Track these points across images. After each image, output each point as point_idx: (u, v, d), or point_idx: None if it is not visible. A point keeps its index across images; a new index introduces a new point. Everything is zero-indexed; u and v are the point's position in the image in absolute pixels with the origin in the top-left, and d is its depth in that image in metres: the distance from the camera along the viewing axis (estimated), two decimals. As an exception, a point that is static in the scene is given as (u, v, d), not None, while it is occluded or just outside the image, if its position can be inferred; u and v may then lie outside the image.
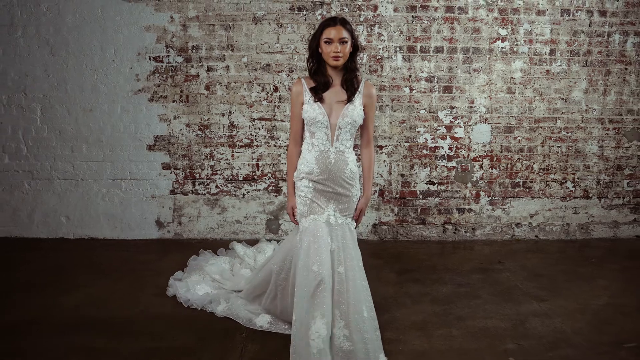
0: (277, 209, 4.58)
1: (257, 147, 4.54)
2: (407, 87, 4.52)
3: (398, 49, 4.47)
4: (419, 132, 4.58)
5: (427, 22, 4.45)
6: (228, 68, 4.43)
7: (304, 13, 4.38)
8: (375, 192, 4.61)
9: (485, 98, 4.57)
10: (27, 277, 3.69)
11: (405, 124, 4.57)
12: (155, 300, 3.33)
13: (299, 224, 2.75)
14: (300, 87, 2.70)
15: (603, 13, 4.52)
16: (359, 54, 2.71)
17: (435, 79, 4.52)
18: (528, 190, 4.72)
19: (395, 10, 4.42)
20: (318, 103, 2.65)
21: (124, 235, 4.59)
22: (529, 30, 4.51)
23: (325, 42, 2.59)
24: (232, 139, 4.52)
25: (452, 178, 4.65)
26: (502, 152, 4.65)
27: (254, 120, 4.51)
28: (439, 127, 4.58)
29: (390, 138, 4.56)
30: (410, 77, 4.51)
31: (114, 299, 3.35)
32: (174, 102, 4.46)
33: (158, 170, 4.54)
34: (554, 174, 4.71)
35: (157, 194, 4.56)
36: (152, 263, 4.05)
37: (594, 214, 4.79)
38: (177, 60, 4.41)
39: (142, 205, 4.57)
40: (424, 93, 4.53)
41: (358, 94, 2.69)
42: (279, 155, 4.55)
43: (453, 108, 4.57)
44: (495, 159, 4.66)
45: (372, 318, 2.62)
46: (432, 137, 4.59)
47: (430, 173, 4.64)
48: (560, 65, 4.57)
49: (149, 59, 4.40)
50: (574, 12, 4.51)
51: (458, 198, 4.68)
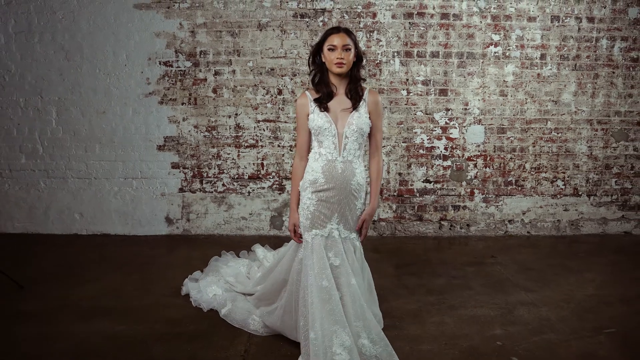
0: (280, 206, 4.81)
1: (261, 147, 4.76)
2: (404, 90, 4.74)
3: (396, 54, 4.69)
4: (416, 132, 4.80)
5: (423, 28, 4.67)
6: (234, 72, 4.66)
7: (307, 20, 4.60)
8: (374, 190, 4.83)
9: (479, 100, 4.79)
10: (44, 270, 3.90)
11: (403, 125, 4.78)
12: (167, 292, 3.54)
13: (302, 237, 2.74)
14: (305, 99, 2.69)
15: (591, 19, 4.74)
16: (363, 64, 2.72)
17: (431, 83, 4.74)
18: (520, 188, 4.93)
19: (393, 17, 4.64)
20: (324, 112, 2.64)
21: (135, 232, 4.81)
22: (521, 36, 4.73)
23: (329, 49, 2.59)
24: (238, 140, 4.75)
25: (447, 177, 4.87)
26: (495, 151, 4.87)
27: (259, 122, 4.73)
28: (435, 128, 4.80)
29: (389, 138, 4.78)
30: (408, 80, 4.73)
31: (128, 290, 3.57)
32: (183, 104, 4.69)
33: (167, 170, 4.76)
34: (545, 173, 4.93)
35: (166, 192, 4.78)
36: (161, 257, 4.27)
37: (584, 211, 5.00)
38: (185, 65, 4.64)
39: (152, 203, 4.79)
40: (421, 96, 4.75)
41: (363, 102, 2.67)
42: (283, 155, 4.77)
43: (448, 110, 4.79)
44: (489, 159, 4.87)
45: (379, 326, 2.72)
46: (428, 137, 4.81)
47: (427, 172, 4.85)
48: (551, 69, 4.79)
49: (159, 64, 4.62)
50: (564, 18, 4.73)
51: (453, 196, 4.90)
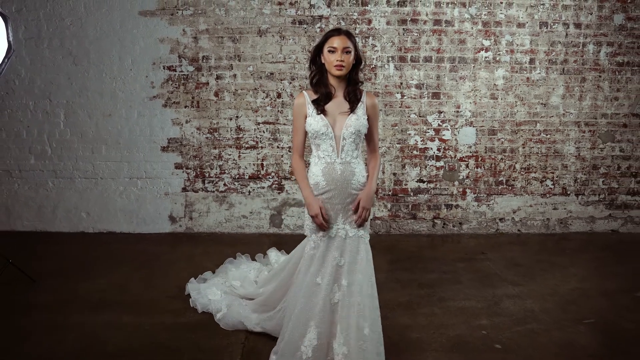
0: (279, 205, 5.00)
1: (261, 148, 4.95)
2: (398, 93, 4.93)
3: (390, 59, 4.88)
4: (410, 134, 4.99)
5: (416, 34, 4.86)
6: (235, 76, 4.85)
7: (305, 26, 4.79)
8: (370, 189, 5.01)
9: (471, 103, 4.97)
10: (53, 266, 4.08)
11: (397, 127, 4.97)
12: (171, 286, 3.72)
13: (309, 240, 2.70)
14: (303, 99, 2.66)
15: (578, 25, 4.92)
16: (362, 67, 2.70)
17: (425, 86, 4.93)
18: (511, 188, 5.11)
19: (388, 24, 4.83)
20: (321, 115, 2.61)
21: (140, 230, 4.99)
22: (511, 41, 4.91)
23: (329, 51, 2.57)
24: (238, 141, 4.93)
25: (440, 177, 5.06)
26: (486, 152, 5.05)
27: (259, 124, 4.92)
28: (428, 130, 4.99)
29: (384, 140, 4.97)
30: (402, 84, 4.92)
31: (134, 285, 3.75)
32: (186, 107, 4.88)
33: (171, 170, 4.95)
34: (535, 173, 5.11)
35: (170, 192, 4.97)
36: (165, 254, 4.44)
37: (572, 210, 5.18)
38: (188, 70, 4.83)
39: (156, 202, 4.97)
40: (414, 99, 4.94)
41: (361, 104, 2.66)
42: (282, 156, 4.95)
43: (441, 112, 4.98)
44: (480, 159, 5.06)
45: (375, 338, 2.54)
46: (421, 139, 5.00)
47: (420, 172, 5.04)
48: (540, 73, 4.97)
49: (163, 68, 4.81)
50: (552, 24, 4.91)
51: (446, 195, 5.08)
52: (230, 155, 4.95)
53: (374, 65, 4.88)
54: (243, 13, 4.76)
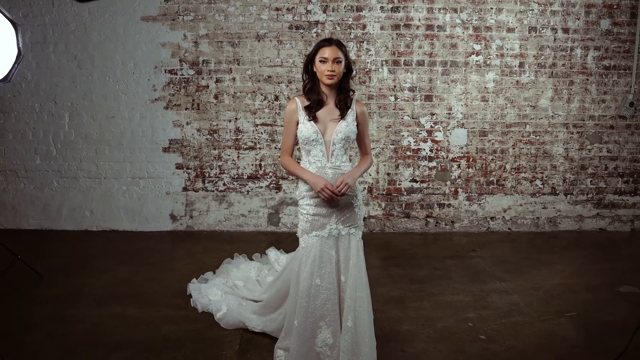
0: (277, 204, 5.16)
1: (259, 149, 5.11)
2: (392, 96, 5.09)
3: (384, 63, 5.05)
4: (403, 135, 5.15)
5: (409, 38, 5.02)
6: (234, 80, 5.01)
7: (301, 31, 4.96)
8: (365, 189, 5.18)
9: (462, 105, 5.13)
10: (59, 262, 4.23)
11: (391, 129, 5.13)
12: (173, 281, 3.87)
13: (301, 241, 2.76)
14: (295, 106, 2.74)
15: (566, 30, 5.09)
16: (353, 75, 2.79)
17: (417, 89, 5.09)
18: (501, 188, 5.27)
19: (382, 29, 4.99)
20: (312, 122, 2.69)
21: (142, 228, 5.15)
22: (501, 46, 5.07)
23: (321, 61, 2.65)
24: (237, 142, 5.09)
25: (433, 176, 5.22)
26: (477, 153, 5.21)
27: (257, 126, 5.08)
28: (421, 131, 5.15)
29: (378, 141, 5.13)
30: (395, 87, 5.08)
31: (137, 280, 3.91)
32: (187, 109, 5.03)
33: (172, 170, 5.11)
34: (525, 173, 5.27)
35: (171, 191, 5.13)
36: (167, 251, 4.60)
37: (561, 209, 5.35)
38: (189, 73, 4.99)
39: (157, 201, 5.13)
40: (407, 101, 5.11)
41: (350, 112, 2.75)
42: (279, 157, 5.09)
43: (433, 114, 5.14)
44: (472, 160, 5.22)
45: (370, 328, 2.68)
46: (414, 140, 5.16)
47: (414, 172, 5.20)
48: (529, 76, 5.13)
49: (165, 72, 4.97)
50: (540, 29, 5.08)
51: (438, 194, 5.24)
52: (230, 156, 5.10)
53: (368, 69, 5.04)
54: (242, 18, 4.93)
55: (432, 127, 5.15)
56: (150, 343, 2.98)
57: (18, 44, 3.38)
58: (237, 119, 5.06)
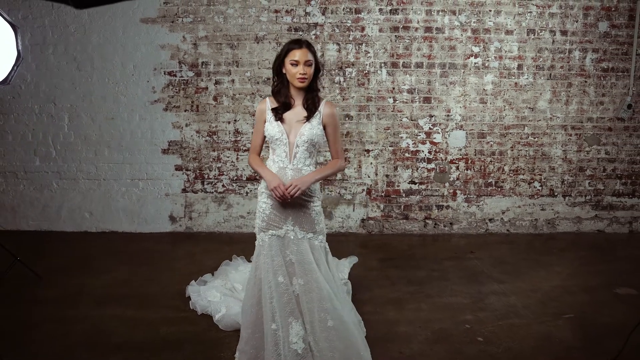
0: (276, 206, 5.16)
1: (258, 150, 5.11)
2: (391, 98, 5.11)
3: (383, 65, 5.06)
4: (402, 137, 5.16)
5: (408, 41, 5.04)
6: (233, 81, 5.02)
7: (300, 34, 4.97)
8: (363, 190, 5.19)
9: (461, 107, 5.15)
10: (59, 263, 4.25)
11: (390, 131, 5.15)
12: (172, 283, 3.88)
13: (257, 238, 2.79)
14: (264, 105, 2.77)
15: (564, 32, 5.11)
16: (321, 75, 2.78)
17: (416, 91, 5.11)
18: (500, 189, 5.29)
19: (380, 31, 5.01)
20: (278, 122, 2.71)
21: (141, 229, 5.16)
22: (499, 48, 5.09)
23: (292, 64, 2.63)
24: (236, 144, 5.11)
25: (431, 178, 5.23)
26: (476, 155, 5.23)
27: (256, 127, 5.08)
28: (420, 133, 5.17)
29: (376, 143, 5.14)
30: (394, 89, 5.10)
31: (137, 281, 3.92)
32: (186, 111, 5.05)
33: (171, 171, 5.12)
34: (523, 175, 5.29)
35: (170, 192, 5.14)
36: (166, 252, 4.62)
37: (559, 211, 5.36)
38: (188, 75, 5.00)
39: (157, 202, 5.15)
40: (406, 103, 5.12)
41: (317, 114, 2.72)
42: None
43: (432, 116, 5.16)
44: (470, 162, 5.23)
45: (341, 329, 2.66)
46: (413, 142, 5.17)
47: (412, 174, 5.22)
48: (527, 79, 5.15)
49: (164, 74, 4.99)
50: (539, 31, 5.09)
51: (437, 196, 5.26)
52: (229, 158, 5.12)
53: (367, 71, 5.06)
54: (241, 20, 4.94)
55: (430, 129, 5.16)
56: (150, 344, 2.99)
57: (18, 47, 3.40)
58: (236, 121, 5.08)
